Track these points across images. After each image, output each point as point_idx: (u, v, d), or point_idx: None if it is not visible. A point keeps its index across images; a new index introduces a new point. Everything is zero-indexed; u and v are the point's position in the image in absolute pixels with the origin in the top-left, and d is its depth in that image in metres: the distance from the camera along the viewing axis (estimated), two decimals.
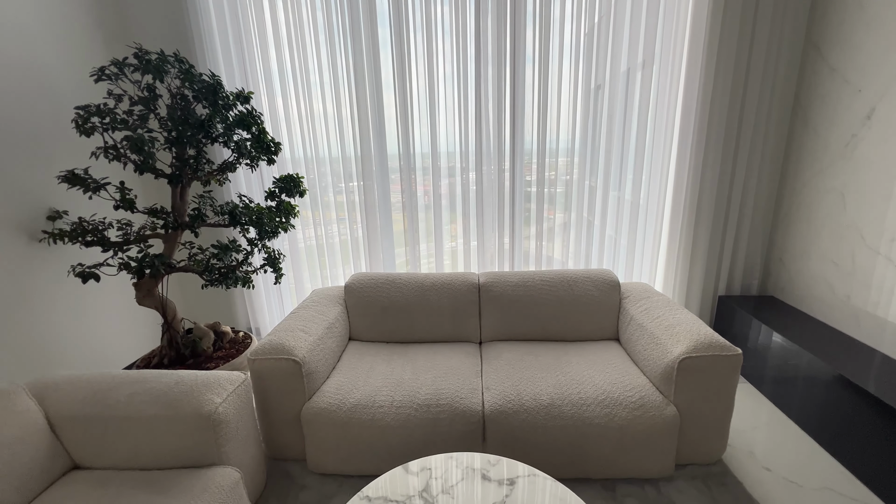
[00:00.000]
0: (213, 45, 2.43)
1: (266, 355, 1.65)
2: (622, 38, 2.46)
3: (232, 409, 1.39)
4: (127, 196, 1.85)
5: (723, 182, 2.46)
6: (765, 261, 2.64)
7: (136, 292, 2.01)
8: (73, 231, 1.84)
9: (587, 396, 1.60)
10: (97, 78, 1.77)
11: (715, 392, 1.59)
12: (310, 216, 2.82)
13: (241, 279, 2.11)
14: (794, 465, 1.73)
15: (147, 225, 1.99)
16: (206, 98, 1.95)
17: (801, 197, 2.37)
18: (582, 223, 2.81)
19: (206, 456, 1.33)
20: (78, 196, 1.85)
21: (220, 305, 2.90)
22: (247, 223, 2.07)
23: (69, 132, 1.82)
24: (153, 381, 1.39)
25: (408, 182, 2.74)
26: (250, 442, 1.51)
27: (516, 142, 2.63)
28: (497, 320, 2.13)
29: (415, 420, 1.59)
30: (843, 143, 2.08)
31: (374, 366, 1.88)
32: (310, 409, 1.64)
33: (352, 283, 2.21)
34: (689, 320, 1.75)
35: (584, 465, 1.61)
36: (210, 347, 2.21)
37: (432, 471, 1.27)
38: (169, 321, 2.10)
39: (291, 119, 2.63)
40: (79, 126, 1.75)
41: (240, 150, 2.07)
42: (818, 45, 2.22)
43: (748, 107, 2.35)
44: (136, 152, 1.79)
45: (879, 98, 1.89)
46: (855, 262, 2.03)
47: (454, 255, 2.96)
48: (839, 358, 1.85)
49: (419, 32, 2.49)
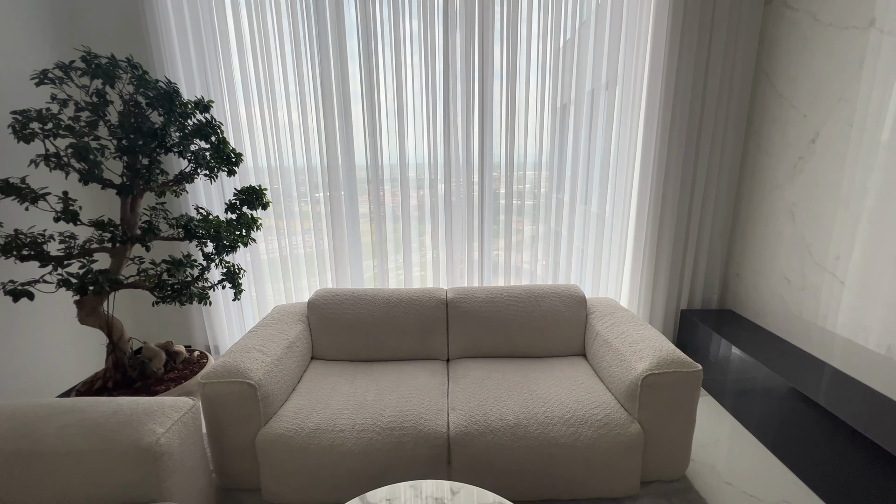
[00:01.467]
0: (172, 50, 2.33)
1: (218, 378, 1.55)
2: (587, 59, 2.53)
3: (176, 440, 1.29)
4: (70, 207, 1.72)
5: (683, 198, 2.55)
6: (723, 276, 2.74)
7: (78, 311, 1.86)
8: (6, 245, 1.69)
9: (553, 416, 1.59)
10: (38, 81, 1.66)
11: (677, 408, 1.60)
12: (273, 227, 2.73)
13: (197, 296, 2.00)
14: (753, 478, 1.77)
15: (93, 238, 1.86)
16: (162, 105, 1.86)
17: (755, 215, 2.47)
18: (550, 235, 2.84)
19: (146, 492, 1.22)
20: (13, 206, 1.71)
21: (176, 323, 2.74)
22: (203, 237, 1.97)
23: (5, 138, 1.69)
24: (88, 410, 1.28)
25: (376, 193, 2.70)
26: (198, 473, 1.41)
27: (485, 155, 2.64)
28: (465, 337, 2.10)
29: (377, 444, 1.53)
30: (791, 165, 2.19)
31: (336, 386, 1.80)
32: (265, 436, 1.55)
33: (315, 299, 2.13)
34: (652, 336, 1.78)
35: (550, 486, 1.58)
36: (161, 369, 2.07)
37: (392, 501, 1.21)
38: (115, 341, 1.96)
39: (255, 129, 2.55)
40: (16, 132, 1.62)
41: (198, 161, 1.98)
42: (767, 73, 2.35)
43: (705, 128, 2.45)
44: (80, 160, 1.68)
45: (822, 123, 2.01)
46: (805, 277, 2.12)
47: (423, 267, 2.92)
48: (792, 371, 1.91)
49: (388, 46, 2.48)
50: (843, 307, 1.92)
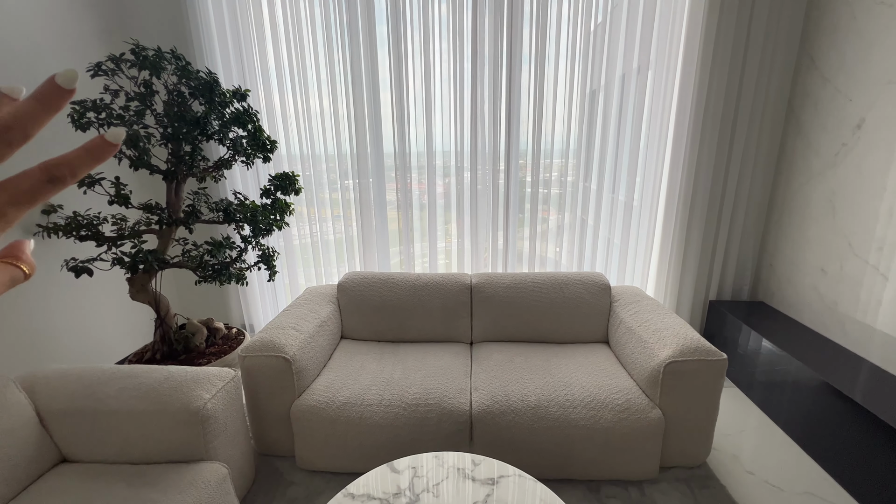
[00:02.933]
0: (211, 42, 2.44)
1: (257, 352, 1.66)
2: (618, 43, 2.47)
3: (221, 406, 1.40)
4: (122, 191, 1.86)
5: (715, 187, 2.48)
6: (756, 266, 2.66)
7: (129, 287, 2.02)
8: (67, 225, 1.85)
9: (574, 398, 1.62)
10: (93, 73, 1.78)
11: (700, 396, 1.60)
12: (305, 213, 2.83)
13: (235, 276, 2.12)
14: (777, 469, 1.75)
15: (142, 220, 2.00)
16: (203, 95, 1.96)
17: (792, 203, 2.38)
18: (576, 224, 2.83)
19: (194, 451, 1.34)
20: (72, 190, 1.86)
21: (215, 301, 2.91)
22: (241, 220, 2.08)
23: (64, 126, 1.83)
24: (143, 376, 1.41)
25: (403, 181, 2.75)
26: (239, 438, 1.53)
27: (511, 142, 2.64)
28: (488, 321, 2.14)
29: (403, 419, 1.61)
30: (833, 152, 2.10)
31: (364, 364, 1.89)
32: (299, 407, 1.65)
33: (345, 281, 2.22)
34: (676, 325, 1.77)
35: (569, 466, 1.63)
36: (203, 343, 2.22)
37: (417, 469, 1.29)
38: (162, 316, 2.11)
39: (288, 116, 2.64)
40: (74, 121, 1.76)
41: (235, 148, 2.08)
42: (811, 54, 2.23)
43: (742, 113, 2.36)
44: (131, 148, 1.80)
45: (868, 108, 1.91)
46: (843, 269, 2.05)
47: (448, 255, 2.97)
48: (826, 365, 1.87)
49: (416, 31, 2.50)
50: (885, 301, 1.85)
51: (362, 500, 1.18)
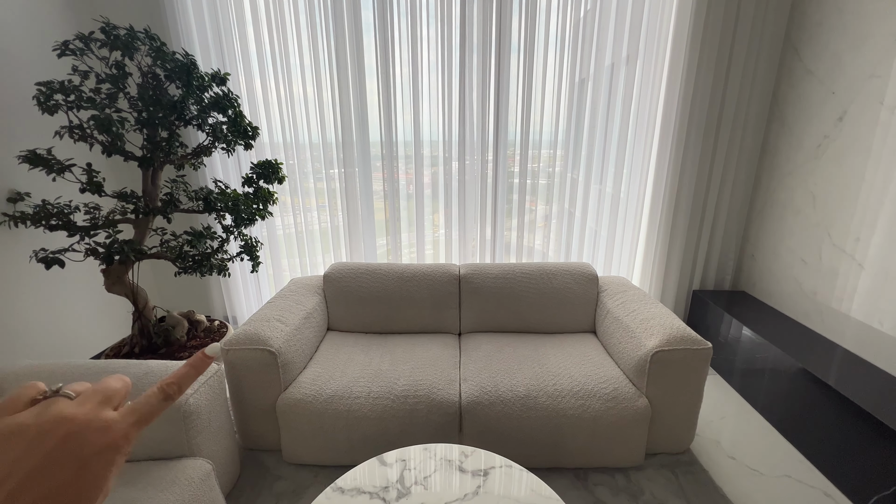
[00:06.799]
0: (188, 23, 2.33)
1: (241, 345, 1.62)
2: (607, 32, 2.45)
3: (203, 401, 1.36)
4: (94, 179, 1.77)
5: (701, 177, 2.51)
6: (738, 257, 2.71)
7: (104, 279, 1.94)
8: (35, 214, 1.75)
9: (562, 388, 1.63)
10: (60, 52, 1.68)
11: (685, 384, 1.63)
12: (289, 203, 2.76)
13: (217, 267, 2.05)
14: (757, 454, 1.81)
15: (116, 209, 1.91)
16: (180, 78, 1.87)
17: (775, 195, 2.43)
18: (563, 215, 2.83)
19: (177, 448, 1.30)
20: (41, 177, 1.76)
21: (196, 293, 2.83)
22: (222, 210, 2.01)
23: (30, 109, 1.72)
24: (121, 371, 1.35)
25: (390, 170, 2.71)
26: (223, 433, 1.49)
27: (500, 133, 2.61)
28: (477, 312, 2.13)
29: (391, 411, 1.59)
30: (815, 144, 2.14)
31: (351, 356, 1.87)
32: (285, 400, 1.62)
33: (331, 272, 2.18)
34: (663, 314, 1.79)
35: (557, 455, 1.64)
36: (184, 336, 2.16)
37: (407, 462, 1.27)
38: (140, 309, 2.04)
39: (270, 103, 2.55)
40: (41, 103, 1.65)
41: (215, 134, 2.00)
42: (796, 47, 2.26)
43: (728, 104, 2.38)
44: (103, 133, 1.71)
45: (851, 100, 1.94)
46: (822, 260, 2.10)
47: (436, 245, 2.95)
48: (803, 352, 1.92)
49: (403, 17, 2.43)
50: (860, 290, 1.90)
51: (352, 494, 1.17)
